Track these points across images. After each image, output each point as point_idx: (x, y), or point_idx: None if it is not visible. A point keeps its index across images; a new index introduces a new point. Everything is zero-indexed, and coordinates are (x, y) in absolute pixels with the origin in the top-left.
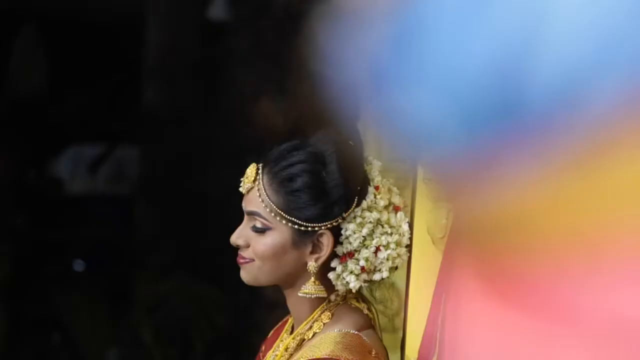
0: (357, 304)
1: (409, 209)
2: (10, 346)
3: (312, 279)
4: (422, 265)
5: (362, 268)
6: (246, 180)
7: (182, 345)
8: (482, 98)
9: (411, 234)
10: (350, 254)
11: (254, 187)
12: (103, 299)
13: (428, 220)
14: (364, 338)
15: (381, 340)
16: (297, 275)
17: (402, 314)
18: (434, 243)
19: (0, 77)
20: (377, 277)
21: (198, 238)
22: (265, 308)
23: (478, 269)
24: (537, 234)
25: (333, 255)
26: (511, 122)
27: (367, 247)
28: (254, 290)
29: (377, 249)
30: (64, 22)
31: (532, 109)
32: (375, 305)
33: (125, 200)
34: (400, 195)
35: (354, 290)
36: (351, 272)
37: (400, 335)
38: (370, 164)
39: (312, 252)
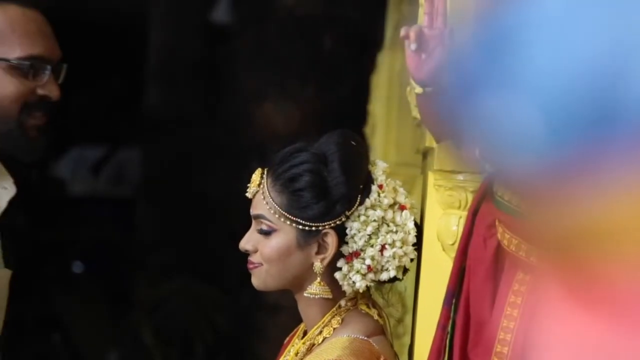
0: (367, 310)
1: (418, 211)
2: (10, 346)
3: (318, 279)
4: (432, 271)
5: (369, 267)
6: (252, 185)
7: (183, 347)
8: (580, 104)
9: (421, 240)
10: (356, 254)
11: (259, 190)
12: (103, 300)
13: (438, 226)
14: (373, 344)
15: (392, 347)
16: (304, 278)
17: (407, 319)
18: (444, 249)
19: None
20: (384, 276)
21: (199, 239)
22: (266, 310)
23: (562, 277)
24: (631, 244)
25: (339, 255)
26: (608, 129)
27: (372, 246)
28: (254, 292)
29: (383, 248)
30: (66, 22)
31: (632, 116)
32: (385, 312)
33: (126, 201)
34: (407, 196)
35: (360, 290)
36: (357, 272)
37: (404, 340)
38: (375, 164)
39: (317, 253)
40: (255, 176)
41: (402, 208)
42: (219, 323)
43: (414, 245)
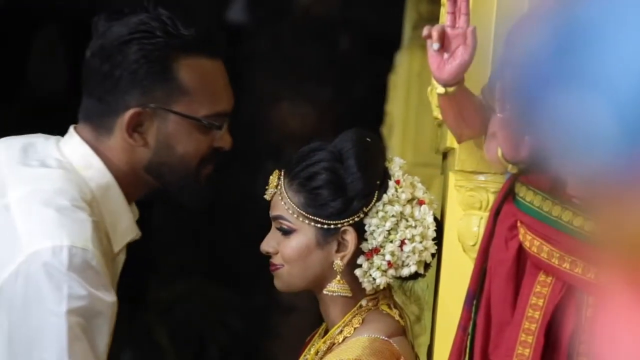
0: (388, 310)
1: (438, 205)
2: None
3: (338, 277)
4: (452, 272)
5: (389, 263)
6: (270, 187)
7: (196, 347)
8: None
9: (441, 240)
10: (376, 250)
11: (277, 191)
12: (117, 299)
13: (459, 227)
14: (394, 345)
15: (413, 348)
16: (325, 277)
17: (426, 319)
18: (464, 250)
19: (20, 77)
20: (405, 272)
21: (213, 240)
22: (279, 310)
23: (630, 279)
24: None
25: (359, 253)
26: None
27: (391, 242)
28: (268, 293)
29: (402, 243)
30: (83, 22)
31: None
32: (406, 312)
33: (141, 201)
34: (426, 191)
35: (381, 287)
36: (378, 268)
37: (421, 340)
38: (392, 160)
39: (337, 251)
40: (273, 177)
41: (420, 203)
42: (232, 323)
43: (434, 239)
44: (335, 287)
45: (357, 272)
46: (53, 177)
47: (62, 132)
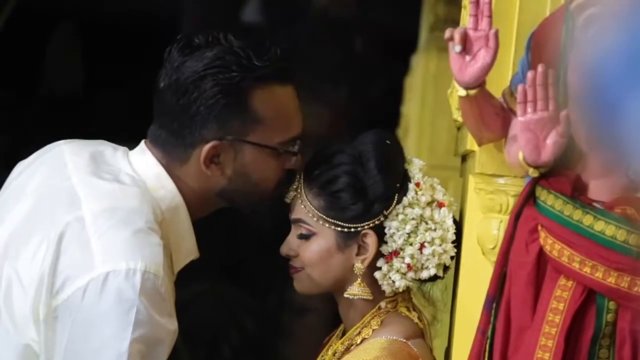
0: (407, 313)
1: (457, 208)
2: None
3: (359, 280)
4: (471, 275)
5: (409, 266)
6: (290, 190)
7: (210, 348)
8: None
9: (460, 243)
10: (396, 253)
11: (297, 194)
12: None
13: (478, 230)
14: (412, 347)
15: (431, 351)
16: (345, 279)
17: (442, 321)
18: (483, 253)
19: (36, 77)
20: (425, 274)
21: (226, 241)
22: (292, 311)
23: None
24: None
25: (379, 255)
26: None
27: (411, 245)
28: (280, 294)
29: (422, 246)
30: (99, 23)
31: None
32: (425, 314)
33: None
34: (445, 193)
35: (400, 289)
36: (397, 271)
37: (435, 343)
38: (411, 162)
39: (358, 254)
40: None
41: (440, 205)
42: (245, 324)
43: (453, 242)
44: (356, 290)
45: (377, 274)
46: (129, 195)
47: (76, 130)
